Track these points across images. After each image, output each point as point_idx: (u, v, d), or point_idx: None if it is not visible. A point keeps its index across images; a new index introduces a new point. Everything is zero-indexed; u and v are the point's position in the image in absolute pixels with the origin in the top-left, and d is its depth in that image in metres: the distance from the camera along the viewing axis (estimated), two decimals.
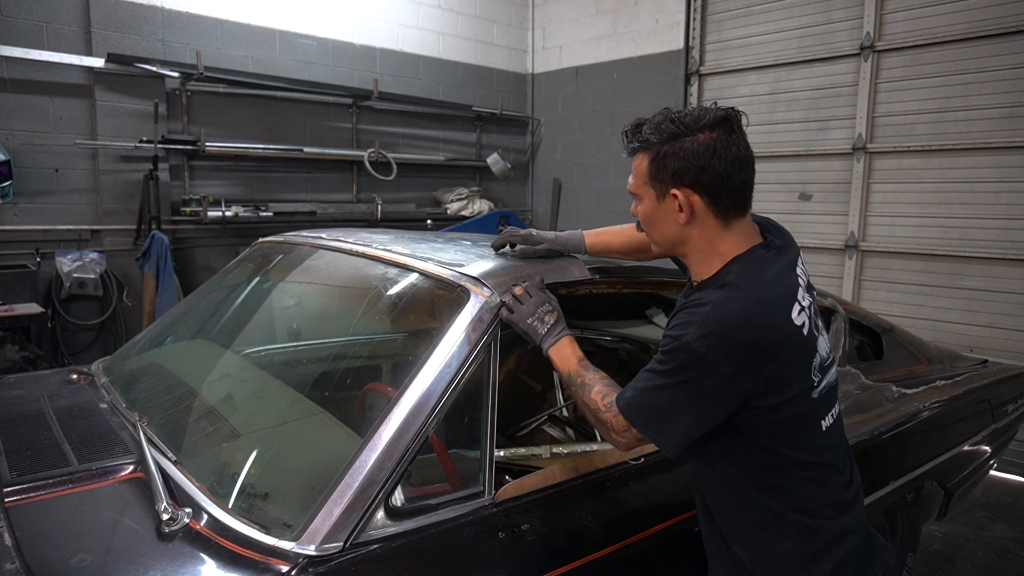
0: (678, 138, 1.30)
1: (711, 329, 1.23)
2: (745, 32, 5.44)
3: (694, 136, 1.29)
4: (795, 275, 1.37)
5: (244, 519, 1.40)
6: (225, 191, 5.04)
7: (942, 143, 4.50)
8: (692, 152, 1.28)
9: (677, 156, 1.29)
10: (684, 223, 1.33)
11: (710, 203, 1.31)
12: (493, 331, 1.60)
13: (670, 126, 1.31)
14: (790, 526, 1.36)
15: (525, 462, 1.99)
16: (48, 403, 2.03)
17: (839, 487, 1.40)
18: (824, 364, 1.37)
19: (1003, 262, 4.34)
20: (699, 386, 1.26)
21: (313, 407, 1.85)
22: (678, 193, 1.31)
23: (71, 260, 4.40)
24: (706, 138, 1.28)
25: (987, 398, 2.89)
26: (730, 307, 1.25)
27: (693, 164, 1.28)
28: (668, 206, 1.33)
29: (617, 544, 1.58)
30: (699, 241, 1.35)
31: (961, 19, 4.37)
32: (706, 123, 1.29)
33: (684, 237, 1.36)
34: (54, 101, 4.33)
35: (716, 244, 1.35)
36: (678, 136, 1.30)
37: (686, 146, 1.29)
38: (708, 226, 1.33)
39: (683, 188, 1.30)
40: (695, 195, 1.30)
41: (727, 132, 1.30)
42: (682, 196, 1.30)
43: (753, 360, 1.24)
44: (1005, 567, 3.32)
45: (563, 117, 6.76)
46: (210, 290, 2.63)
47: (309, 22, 5.38)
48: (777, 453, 1.34)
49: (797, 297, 1.32)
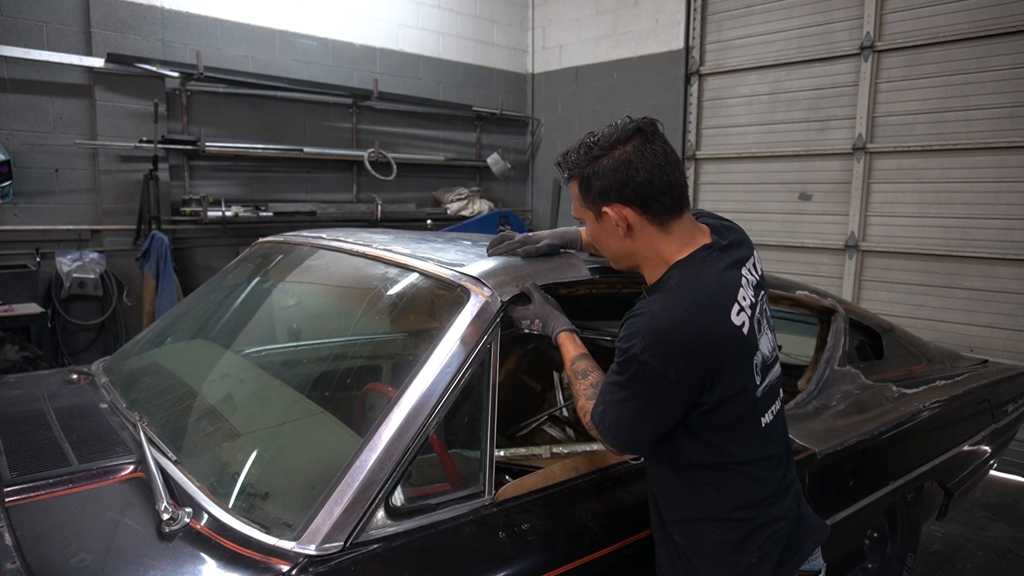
0: (597, 159, 1.36)
1: (652, 339, 1.29)
2: (745, 32, 5.44)
3: (610, 153, 1.35)
4: (738, 274, 1.40)
5: (244, 519, 1.40)
6: (225, 191, 5.04)
7: (942, 143, 4.50)
8: (611, 169, 1.34)
9: (598, 176, 1.36)
10: (624, 236, 1.40)
11: (641, 212, 1.36)
12: (493, 331, 1.60)
13: (588, 149, 1.38)
14: (722, 518, 1.44)
15: (525, 462, 2.00)
16: (48, 403, 2.03)
17: (773, 482, 1.47)
18: (767, 363, 1.43)
19: (1003, 262, 4.34)
20: (653, 394, 1.32)
21: (313, 407, 1.85)
22: (608, 210, 1.37)
23: (71, 260, 4.40)
24: (621, 152, 1.34)
25: (987, 398, 2.89)
26: (667, 315, 1.30)
27: (613, 180, 1.34)
28: (606, 224, 1.40)
29: (617, 544, 1.58)
30: (644, 250, 1.42)
31: (961, 19, 4.37)
32: (618, 138, 1.35)
33: (629, 250, 1.43)
34: (54, 101, 4.33)
35: (659, 250, 1.40)
36: (597, 157, 1.36)
37: (604, 164, 1.35)
38: (647, 233, 1.39)
39: (612, 204, 1.37)
40: (625, 208, 1.36)
41: (643, 142, 1.35)
42: (613, 212, 1.37)
43: (694, 363, 1.29)
44: (1005, 567, 3.32)
45: (563, 117, 6.76)
46: (210, 290, 2.63)
47: (309, 22, 5.38)
48: (719, 451, 1.41)
49: (737, 297, 1.35)
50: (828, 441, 2.11)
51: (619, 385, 1.36)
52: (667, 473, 1.48)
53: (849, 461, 2.16)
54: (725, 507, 1.43)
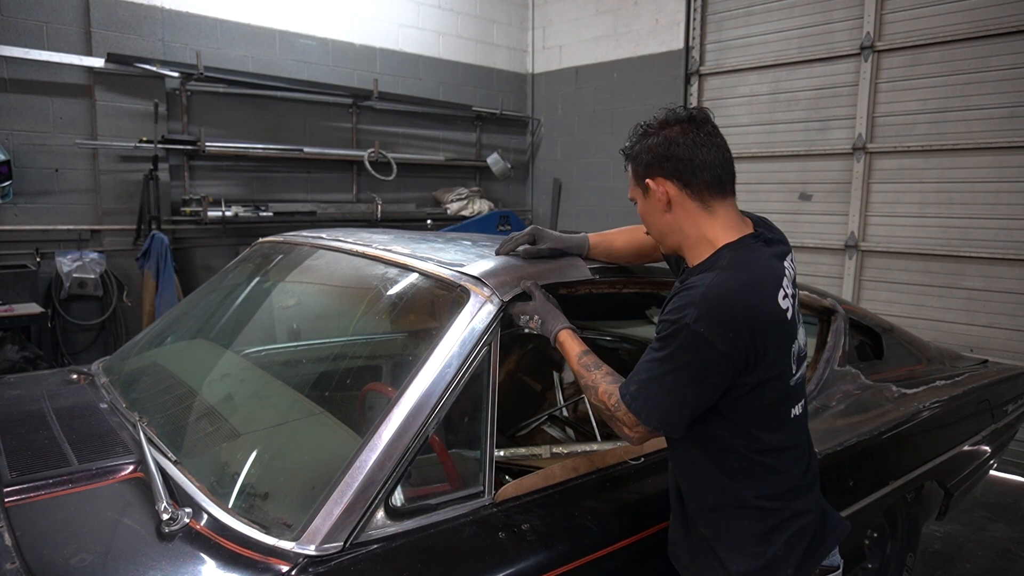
0: (646, 137, 1.47)
1: (706, 310, 1.29)
2: (745, 32, 5.44)
3: (658, 132, 1.45)
4: (782, 265, 1.45)
5: (244, 519, 1.40)
6: (225, 191, 5.04)
7: (942, 143, 4.50)
8: (655, 144, 1.44)
9: (645, 151, 1.45)
10: (665, 210, 1.45)
11: (682, 186, 1.42)
12: (493, 331, 1.60)
13: (639, 130, 1.49)
14: (749, 508, 1.45)
15: (525, 462, 1.99)
16: (48, 403, 2.03)
17: (799, 474, 1.49)
18: (800, 355, 1.47)
19: (1003, 262, 4.34)
20: (699, 366, 1.31)
21: (313, 407, 1.85)
22: (651, 183, 1.44)
23: (71, 260, 4.40)
24: (669, 132, 1.44)
25: (987, 398, 2.89)
26: (722, 288, 1.32)
27: (658, 154, 1.43)
28: (652, 200, 1.46)
29: (617, 544, 1.58)
30: (687, 228, 1.45)
31: (961, 19, 4.37)
32: (667, 120, 1.45)
33: (673, 226, 1.47)
34: (54, 101, 4.33)
35: (703, 230, 1.44)
36: (646, 135, 1.47)
37: (651, 141, 1.45)
38: (689, 210, 1.44)
39: (655, 178, 1.44)
40: (667, 182, 1.43)
41: (690, 124, 1.43)
42: (655, 185, 1.44)
43: (744, 337, 1.30)
44: (1005, 567, 3.32)
45: (563, 117, 6.76)
46: (210, 290, 2.63)
47: (309, 22, 5.38)
48: (751, 437, 1.41)
49: (782, 284, 1.40)
50: (828, 441, 2.11)
51: (661, 360, 1.35)
52: (696, 458, 1.47)
53: (849, 461, 2.16)
54: (752, 495, 1.44)
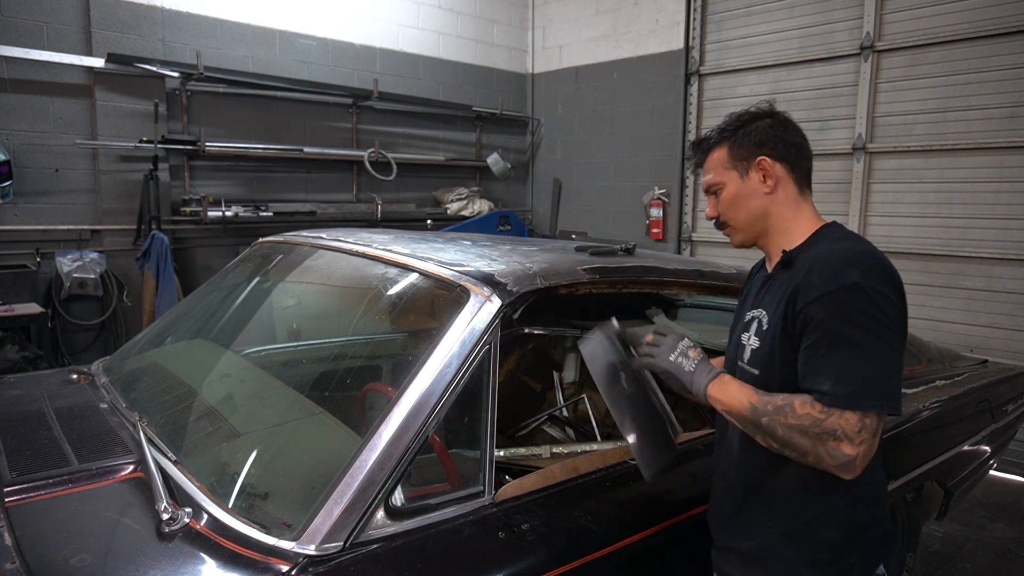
0: (748, 123, 1.46)
1: (864, 264, 1.27)
2: (745, 32, 5.44)
3: (760, 120, 1.46)
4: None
5: (244, 519, 1.40)
6: (225, 191, 5.04)
7: (942, 143, 4.50)
8: (766, 126, 1.44)
9: (754, 133, 1.44)
10: (769, 191, 1.44)
11: (789, 170, 1.44)
12: (493, 331, 1.60)
13: (737, 119, 1.47)
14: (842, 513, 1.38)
15: (525, 462, 1.99)
16: (48, 403, 2.03)
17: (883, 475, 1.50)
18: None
19: (1003, 262, 4.33)
20: (889, 323, 1.24)
21: (313, 407, 1.85)
22: (764, 160, 1.43)
23: (71, 260, 4.40)
24: (772, 120, 1.46)
25: (987, 398, 2.89)
26: (862, 247, 1.33)
27: (772, 135, 1.43)
28: (752, 180, 1.44)
29: (617, 544, 1.58)
30: (783, 210, 1.44)
31: (961, 19, 4.37)
32: (765, 112, 1.47)
33: (768, 209, 1.45)
34: (54, 101, 4.33)
35: (798, 213, 1.45)
36: (747, 122, 1.46)
37: (759, 125, 1.45)
38: (789, 194, 1.44)
39: (765, 157, 1.43)
40: (777, 163, 1.43)
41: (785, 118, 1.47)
42: (768, 163, 1.43)
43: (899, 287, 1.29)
44: (1005, 567, 3.32)
45: (563, 117, 6.76)
46: (210, 290, 2.63)
47: (309, 22, 5.38)
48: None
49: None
50: None
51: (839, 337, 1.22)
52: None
53: None
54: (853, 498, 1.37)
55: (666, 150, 5.94)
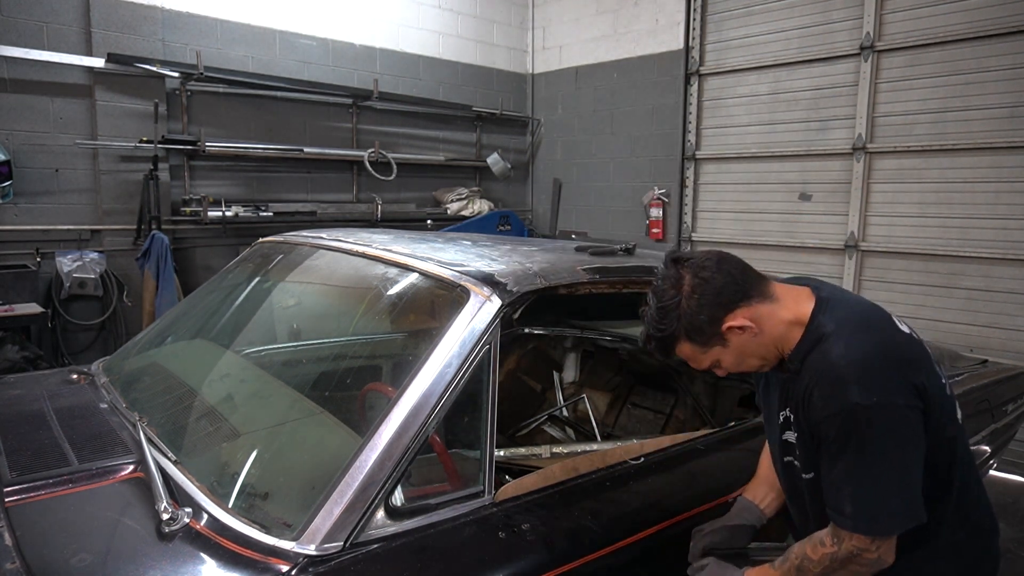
0: (676, 308, 1.35)
1: (861, 377, 1.23)
2: (745, 32, 5.45)
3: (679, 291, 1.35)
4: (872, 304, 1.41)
5: (244, 519, 1.40)
6: (225, 191, 5.04)
7: (942, 143, 4.50)
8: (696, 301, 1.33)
9: (692, 314, 1.34)
10: (755, 335, 1.36)
11: (747, 303, 1.34)
12: (493, 331, 1.60)
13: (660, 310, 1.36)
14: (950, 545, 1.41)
15: (525, 462, 2.00)
16: (48, 403, 2.03)
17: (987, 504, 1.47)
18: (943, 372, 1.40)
19: (1003, 262, 4.34)
20: (896, 435, 1.23)
21: (313, 407, 1.85)
22: (732, 324, 1.34)
23: (71, 260, 4.40)
24: (686, 284, 1.35)
25: (987, 398, 2.89)
26: (853, 349, 1.27)
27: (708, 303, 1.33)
28: (737, 340, 1.37)
29: (617, 544, 1.58)
30: (776, 332, 1.37)
31: (961, 19, 4.37)
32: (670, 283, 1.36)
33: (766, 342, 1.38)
34: (54, 101, 4.33)
35: (784, 319, 1.37)
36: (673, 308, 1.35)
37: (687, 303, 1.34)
38: (766, 315, 1.36)
39: (726, 317, 1.34)
40: (738, 312, 1.34)
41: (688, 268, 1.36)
42: (733, 327, 1.34)
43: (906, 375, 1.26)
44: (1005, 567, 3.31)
45: (563, 117, 6.76)
46: (210, 290, 2.63)
47: (309, 22, 5.38)
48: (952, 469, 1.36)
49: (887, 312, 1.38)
50: None
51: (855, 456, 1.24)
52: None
53: None
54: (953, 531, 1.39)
55: (666, 150, 5.94)
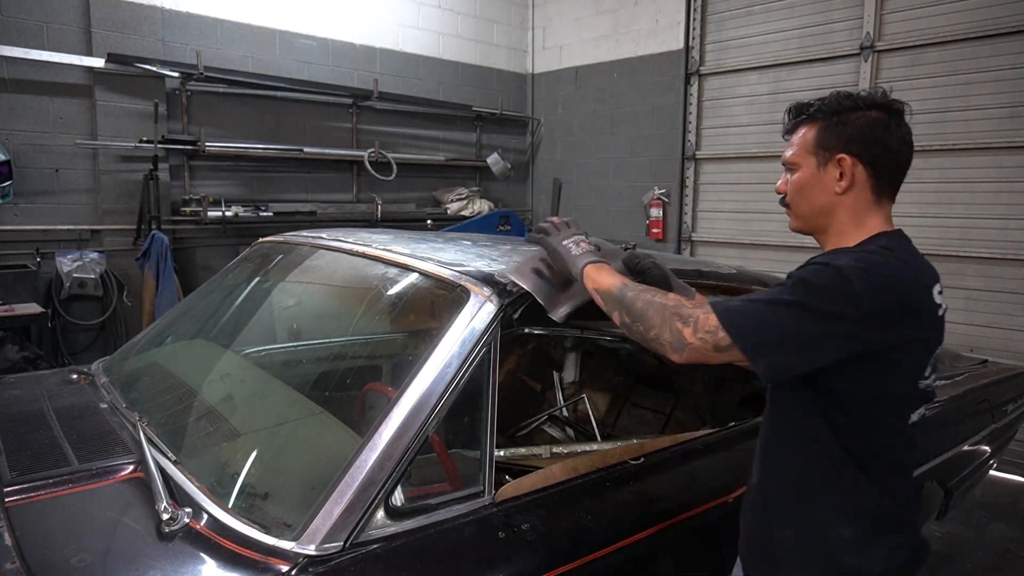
0: (851, 111, 1.34)
1: (866, 264, 1.21)
2: (745, 32, 5.45)
3: (865, 111, 1.33)
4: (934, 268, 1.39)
5: (244, 519, 1.40)
6: (225, 191, 5.04)
7: (942, 143, 4.50)
8: (864, 123, 1.32)
9: (850, 125, 1.33)
10: (840, 192, 1.34)
11: (872, 175, 1.34)
12: (493, 331, 1.60)
13: (843, 100, 1.35)
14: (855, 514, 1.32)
15: (525, 462, 2.00)
16: (48, 403, 2.03)
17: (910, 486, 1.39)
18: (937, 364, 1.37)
19: (1003, 262, 4.34)
20: (830, 312, 1.18)
21: (313, 407, 1.85)
22: (846, 158, 1.33)
23: (71, 260, 4.40)
24: (877, 115, 1.33)
25: (987, 398, 2.89)
26: (885, 257, 1.25)
27: (866, 134, 1.32)
28: (828, 174, 1.35)
29: (617, 544, 1.58)
30: (846, 215, 1.36)
31: (961, 19, 4.37)
32: (875, 102, 1.34)
33: (833, 208, 1.37)
34: (54, 101, 4.33)
35: (863, 219, 1.36)
36: (851, 109, 1.34)
37: (858, 118, 1.33)
38: (861, 199, 1.35)
39: (850, 155, 1.33)
40: (860, 164, 1.33)
41: (896, 115, 1.34)
42: (849, 162, 1.33)
43: (891, 310, 1.22)
44: (1005, 567, 3.32)
45: (563, 117, 6.76)
46: (210, 290, 2.63)
47: (309, 22, 5.38)
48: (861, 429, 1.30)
49: (939, 281, 1.35)
50: None
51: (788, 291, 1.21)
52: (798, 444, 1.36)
53: None
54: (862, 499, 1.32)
55: (666, 150, 5.94)
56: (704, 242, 5.87)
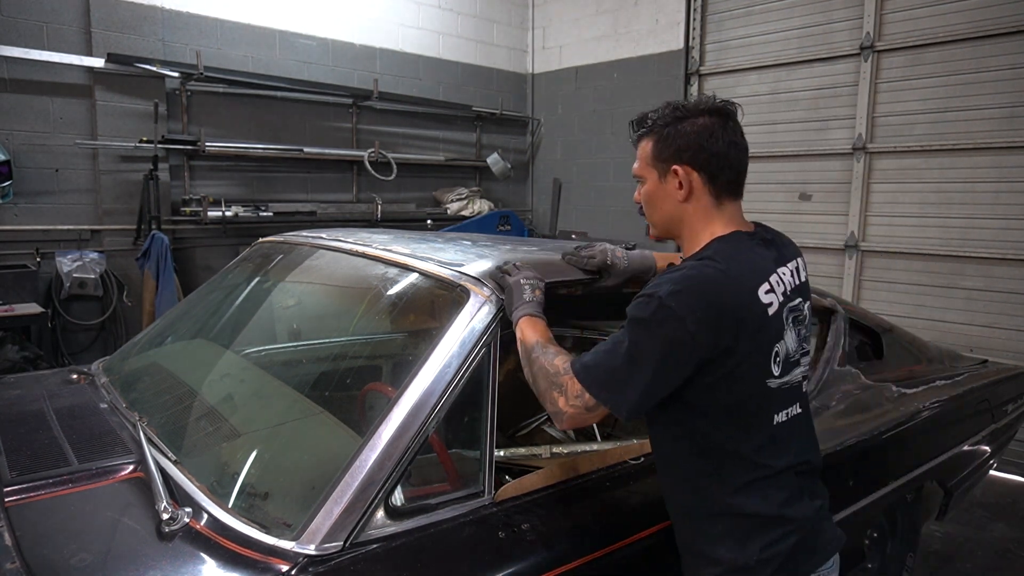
0: (680, 120, 1.41)
1: (682, 287, 1.28)
2: (745, 32, 5.44)
3: (694, 119, 1.40)
4: (774, 266, 1.42)
5: (244, 519, 1.40)
6: (225, 191, 5.04)
7: (942, 143, 4.50)
8: (692, 132, 1.40)
9: (679, 136, 1.40)
10: (682, 200, 1.42)
11: (707, 180, 1.41)
12: (493, 331, 1.60)
13: (672, 111, 1.43)
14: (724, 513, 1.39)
15: (525, 462, 1.99)
16: (48, 403, 2.03)
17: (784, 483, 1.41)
18: (789, 359, 1.41)
19: (1003, 262, 4.33)
20: (662, 340, 1.27)
21: (313, 407, 1.85)
22: (679, 169, 1.40)
23: (71, 260, 4.40)
24: (705, 121, 1.40)
25: (987, 398, 2.89)
26: (699, 271, 1.32)
27: (693, 142, 1.39)
28: (669, 184, 1.43)
29: (617, 544, 1.58)
30: (693, 220, 1.44)
31: (961, 19, 4.37)
32: (704, 109, 1.41)
33: (680, 215, 1.45)
34: (54, 101, 4.33)
35: (708, 223, 1.43)
36: (680, 119, 1.41)
37: (686, 127, 1.40)
38: (703, 204, 1.43)
39: (683, 165, 1.40)
40: (694, 172, 1.40)
41: (724, 119, 1.42)
42: (682, 172, 1.40)
43: (716, 321, 1.28)
44: (1005, 567, 3.32)
45: (563, 117, 6.76)
46: (210, 290, 2.63)
47: (309, 22, 5.38)
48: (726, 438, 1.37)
49: (769, 279, 1.38)
50: (828, 441, 2.11)
51: (626, 330, 1.31)
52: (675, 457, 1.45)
53: (849, 461, 2.16)
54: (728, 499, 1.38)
55: None
56: None
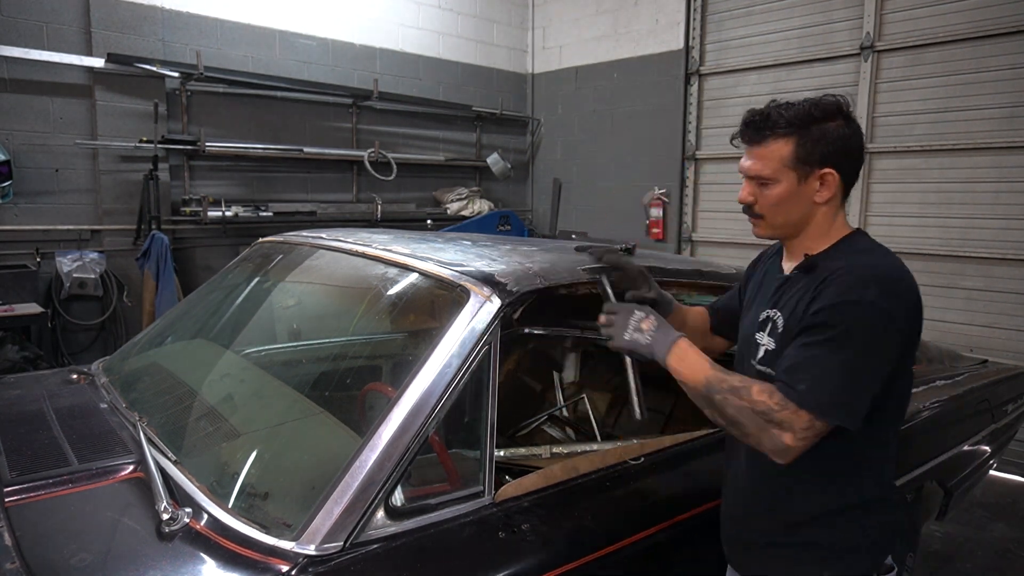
0: (821, 121, 1.36)
1: (888, 286, 1.28)
2: (745, 32, 5.45)
3: (834, 120, 1.37)
4: None
5: (244, 519, 1.40)
6: (225, 191, 5.04)
7: (942, 143, 4.50)
8: (839, 136, 1.37)
9: (826, 139, 1.36)
10: (823, 202, 1.39)
11: (844, 184, 1.40)
12: (493, 331, 1.60)
13: (808, 111, 1.37)
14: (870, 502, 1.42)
15: (525, 462, 1.99)
16: (48, 403, 2.03)
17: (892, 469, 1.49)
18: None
19: (1003, 262, 4.33)
20: (882, 345, 1.27)
21: (313, 407, 1.85)
22: (827, 173, 1.37)
23: (71, 260, 4.40)
24: (842, 124, 1.38)
25: (987, 398, 2.89)
26: (890, 265, 1.33)
27: (841, 147, 1.37)
28: (809, 187, 1.38)
29: (617, 544, 1.58)
30: (822, 220, 1.42)
31: (961, 19, 4.37)
32: (837, 110, 1.38)
33: (811, 216, 1.42)
34: (54, 101, 4.33)
35: (835, 221, 1.43)
36: (820, 119, 1.36)
37: (832, 131, 1.36)
38: (835, 204, 1.42)
39: (831, 168, 1.37)
40: (837, 175, 1.38)
41: (851, 120, 1.40)
42: (831, 178, 1.38)
43: (916, 314, 1.32)
44: (1005, 567, 3.32)
45: (563, 117, 6.76)
46: (210, 290, 2.63)
47: (309, 22, 5.38)
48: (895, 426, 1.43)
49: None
50: None
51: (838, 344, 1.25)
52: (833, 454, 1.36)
53: None
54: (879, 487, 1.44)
55: (666, 150, 5.94)
56: (704, 242, 5.87)
